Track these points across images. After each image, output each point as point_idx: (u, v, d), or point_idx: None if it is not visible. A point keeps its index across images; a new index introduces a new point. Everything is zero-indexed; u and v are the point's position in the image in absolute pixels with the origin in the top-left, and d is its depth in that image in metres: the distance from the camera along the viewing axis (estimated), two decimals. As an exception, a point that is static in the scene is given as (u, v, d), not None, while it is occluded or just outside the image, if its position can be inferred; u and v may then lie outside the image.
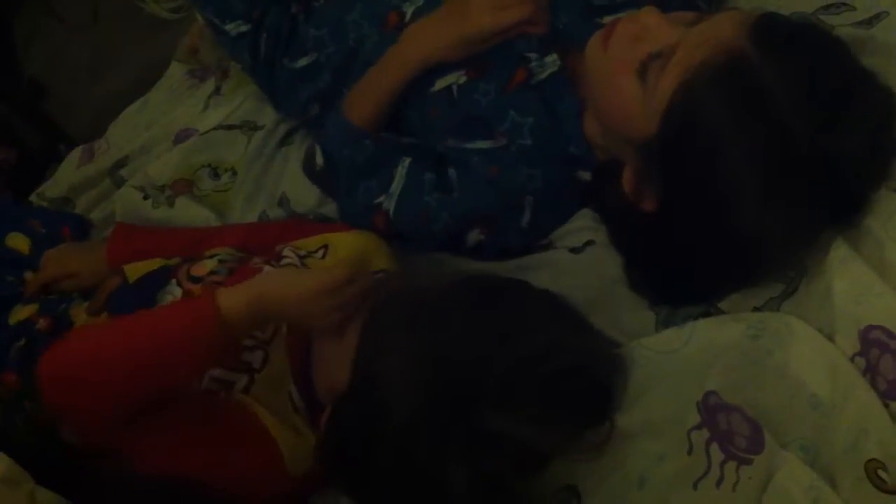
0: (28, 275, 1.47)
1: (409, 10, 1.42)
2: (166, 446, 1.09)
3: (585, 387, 1.06)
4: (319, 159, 1.42)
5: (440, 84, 1.37)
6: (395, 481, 1.02)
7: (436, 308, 1.06)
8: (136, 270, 1.33)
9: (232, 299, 1.06)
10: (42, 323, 1.32)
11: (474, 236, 1.35)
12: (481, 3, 1.31)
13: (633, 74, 1.16)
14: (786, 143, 1.05)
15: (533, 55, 1.34)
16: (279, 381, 1.19)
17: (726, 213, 1.09)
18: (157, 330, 1.07)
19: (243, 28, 1.57)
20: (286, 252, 1.31)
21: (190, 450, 1.10)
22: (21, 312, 1.35)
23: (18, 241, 1.50)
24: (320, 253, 1.33)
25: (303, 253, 1.32)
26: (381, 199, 1.35)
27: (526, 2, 1.31)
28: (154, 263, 1.34)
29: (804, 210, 1.08)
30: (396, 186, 1.35)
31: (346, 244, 1.34)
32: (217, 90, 1.74)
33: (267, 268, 1.27)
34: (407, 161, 1.36)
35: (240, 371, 1.17)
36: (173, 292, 1.26)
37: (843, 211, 1.11)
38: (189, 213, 1.58)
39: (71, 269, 1.45)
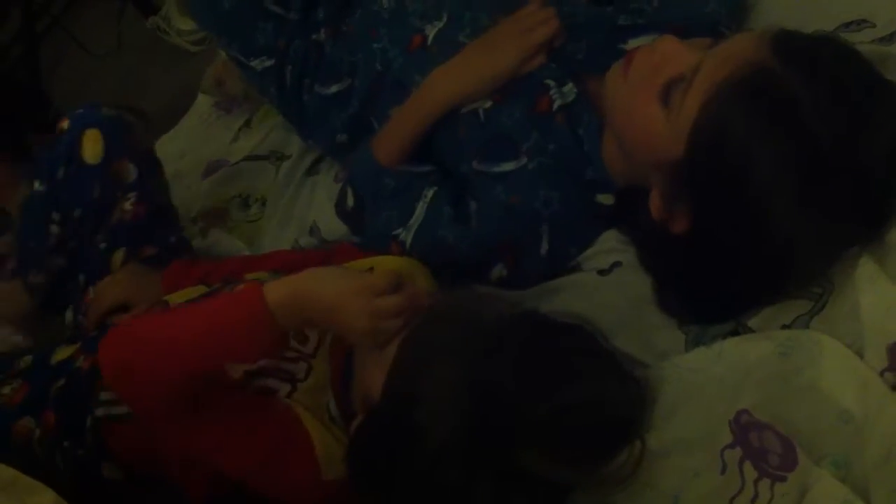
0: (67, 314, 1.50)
1: (431, 33, 1.45)
2: (211, 441, 1.12)
3: (620, 435, 1.07)
4: (350, 200, 1.45)
5: (467, 108, 1.39)
6: (417, 497, 1.04)
7: (487, 338, 1.06)
8: (178, 298, 1.35)
9: (277, 290, 1.08)
10: (83, 362, 1.33)
11: (497, 272, 1.37)
12: (508, 31, 1.34)
13: (655, 99, 1.17)
14: (817, 152, 1.05)
15: (551, 83, 1.36)
16: (320, 392, 1.21)
17: (762, 228, 1.09)
18: (207, 315, 1.10)
19: (268, 63, 1.60)
20: None
21: (234, 445, 1.13)
22: (63, 352, 1.38)
23: None
24: None
25: None
26: (399, 230, 1.38)
27: (549, 19, 1.35)
28: (196, 291, 1.36)
29: (837, 220, 1.08)
30: (416, 220, 1.38)
31: (391, 267, 1.34)
32: (247, 123, 1.76)
33: None
34: (430, 193, 1.38)
35: (284, 380, 1.20)
36: None
37: (872, 221, 1.11)
38: (222, 243, 1.61)
39: (126, 300, 1.46)
